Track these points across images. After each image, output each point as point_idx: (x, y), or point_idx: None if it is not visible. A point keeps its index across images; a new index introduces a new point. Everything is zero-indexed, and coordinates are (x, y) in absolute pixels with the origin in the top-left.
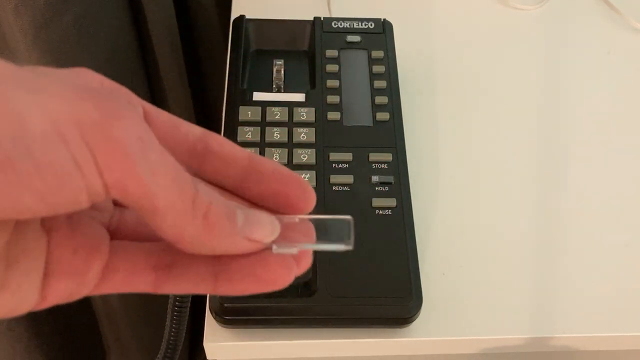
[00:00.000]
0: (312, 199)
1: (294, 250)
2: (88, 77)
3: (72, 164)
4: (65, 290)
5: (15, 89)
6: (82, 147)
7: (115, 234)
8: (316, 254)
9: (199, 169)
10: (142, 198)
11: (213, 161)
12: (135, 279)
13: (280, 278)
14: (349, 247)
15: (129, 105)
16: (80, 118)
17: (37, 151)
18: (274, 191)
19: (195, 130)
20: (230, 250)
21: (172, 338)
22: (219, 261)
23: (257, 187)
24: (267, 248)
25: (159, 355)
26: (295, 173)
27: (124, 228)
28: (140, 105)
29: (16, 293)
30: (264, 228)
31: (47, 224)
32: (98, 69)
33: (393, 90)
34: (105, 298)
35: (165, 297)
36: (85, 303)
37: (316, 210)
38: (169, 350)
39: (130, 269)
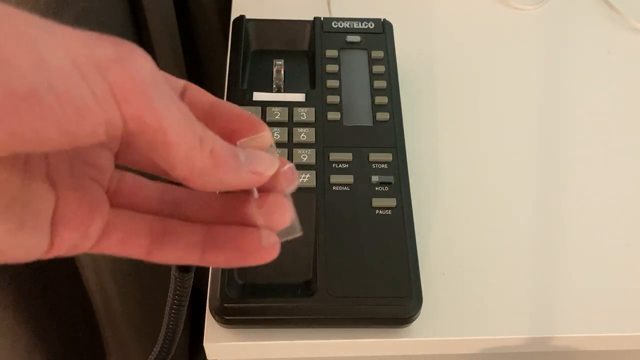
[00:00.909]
0: (261, 127)
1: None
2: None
3: (91, 98)
4: (70, 241)
5: (35, 29)
6: (101, 82)
7: (112, 199)
8: (316, 254)
9: None
10: (156, 131)
11: None
12: (131, 241)
13: (264, 251)
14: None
15: (141, 49)
16: (99, 56)
17: (58, 86)
18: (230, 129)
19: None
20: (237, 184)
21: (168, 336)
22: (209, 231)
23: (216, 127)
24: (254, 225)
25: (152, 353)
26: (246, 112)
27: (120, 196)
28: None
29: (31, 235)
30: (265, 162)
31: (53, 178)
32: None
33: (393, 90)
34: (105, 298)
35: (165, 297)
36: (86, 303)
37: (317, 211)
38: (164, 349)
39: (128, 230)
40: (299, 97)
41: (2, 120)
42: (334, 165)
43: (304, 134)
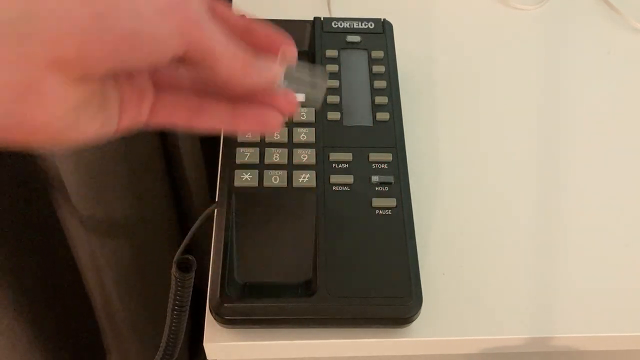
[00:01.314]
0: (290, 44)
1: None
2: None
3: (168, 35)
4: (128, 121)
5: None
6: (173, 23)
7: (156, 85)
8: (316, 254)
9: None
10: (207, 52)
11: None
12: (174, 114)
13: (273, 119)
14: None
15: None
16: (170, 4)
17: (148, 28)
18: (262, 43)
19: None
20: (260, 83)
21: (171, 337)
22: (236, 104)
23: (252, 42)
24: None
25: (157, 355)
26: (274, 32)
27: (161, 82)
28: None
29: (110, 116)
30: (277, 70)
31: (117, 77)
32: None
33: (393, 90)
34: (105, 298)
35: (166, 297)
36: (86, 303)
37: (317, 211)
38: (168, 350)
39: (170, 106)
40: (299, 97)
41: (113, 54)
42: (334, 165)
43: (304, 134)
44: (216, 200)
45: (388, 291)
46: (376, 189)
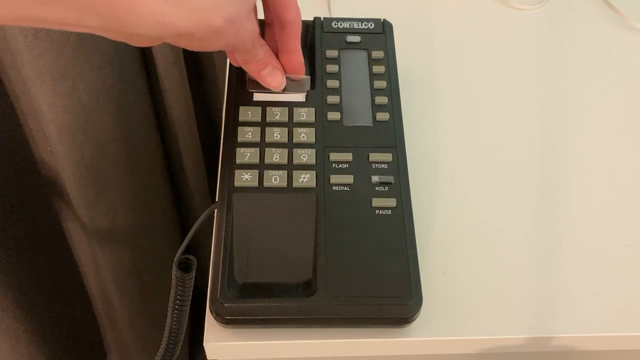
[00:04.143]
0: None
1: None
2: None
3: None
4: None
5: None
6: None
7: None
8: (316, 254)
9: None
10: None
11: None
12: None
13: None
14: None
15: None
16: None
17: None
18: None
19: None
20: (259, 77)
21: (172, 337)
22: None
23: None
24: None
25: (157, 355)
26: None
27: None
28: None
29: None
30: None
31: None
32: (99, 69)
33: (393, 90)
34: (105, 298)
35: (166, 297)
36: (86, 303)
37: (317, 211)
38: (168, 350)
39: None
40: (299, 97)
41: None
42: (334, 165)
43: (304, 134)
44: (216, 200)
45: (388, 291)
46: (376, 189)
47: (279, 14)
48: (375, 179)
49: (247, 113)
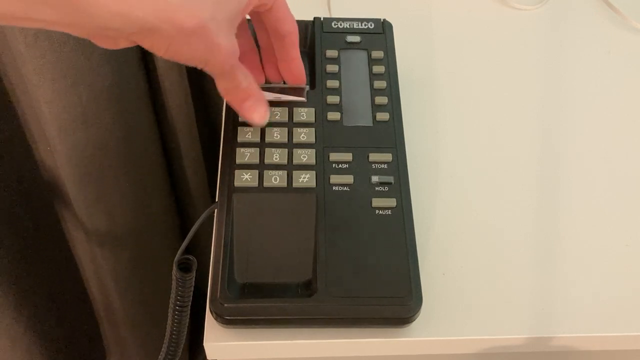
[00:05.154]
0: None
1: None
2: None
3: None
4: None
5: None
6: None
7: None
8: (316, 254)
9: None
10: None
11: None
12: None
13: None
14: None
15: None
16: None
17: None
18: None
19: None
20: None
21: (173, 338)
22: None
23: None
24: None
25: (160, 356)
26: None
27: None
28: None
29: None
30: (263, 112)
31: None
32: (98, 69)
33: (393, 90)
34: (105, 298)
35: (166, 297)
36: (86, 303)
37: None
38: (170, 351)
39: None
40: (299, 97)
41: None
42: (334, 165)
43: (304, 134)
44: (216, 200)
45: (388, 291)
46: (376, 189)
47: (276, 27)
48: (375, 179)
49: None
